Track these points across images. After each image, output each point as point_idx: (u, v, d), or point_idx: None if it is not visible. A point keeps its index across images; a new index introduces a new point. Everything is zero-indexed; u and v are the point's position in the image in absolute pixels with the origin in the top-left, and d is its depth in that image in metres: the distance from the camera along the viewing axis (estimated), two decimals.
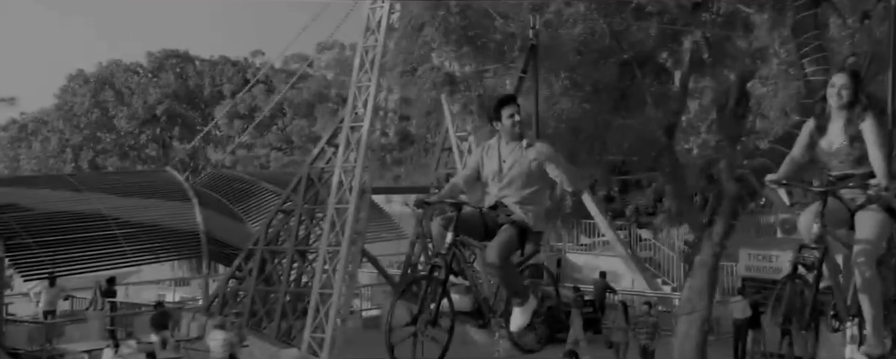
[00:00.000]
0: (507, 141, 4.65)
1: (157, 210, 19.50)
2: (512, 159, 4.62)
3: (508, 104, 4.66)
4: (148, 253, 18.82)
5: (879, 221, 4.20)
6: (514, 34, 7.93)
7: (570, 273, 24.57)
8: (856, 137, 4.24)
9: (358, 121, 17.87)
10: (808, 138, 4.41)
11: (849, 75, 4.34)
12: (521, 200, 4.60)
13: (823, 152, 4.36)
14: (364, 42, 18.43)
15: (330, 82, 26.91)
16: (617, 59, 8.89)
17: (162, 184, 20.69)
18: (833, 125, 4.33)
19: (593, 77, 8.35)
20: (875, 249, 4.20)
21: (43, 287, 18.33)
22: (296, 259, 17.93)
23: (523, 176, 4.59)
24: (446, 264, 4.50)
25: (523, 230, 4.57)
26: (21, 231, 17.19)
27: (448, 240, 4.54)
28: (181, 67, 46.61)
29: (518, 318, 4.73)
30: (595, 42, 8.61)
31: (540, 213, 4.67)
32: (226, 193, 21.83)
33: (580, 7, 7.87)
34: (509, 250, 4.52)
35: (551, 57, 7.97)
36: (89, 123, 45.11)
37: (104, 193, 19.28)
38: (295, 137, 27.74)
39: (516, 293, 4.66)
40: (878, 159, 4.17)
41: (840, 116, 4.29)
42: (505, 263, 4.47)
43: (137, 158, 45.37)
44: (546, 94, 7.99)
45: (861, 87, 4.31)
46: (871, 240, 4.17)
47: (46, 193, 18.70)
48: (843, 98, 4.26)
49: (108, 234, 18.29)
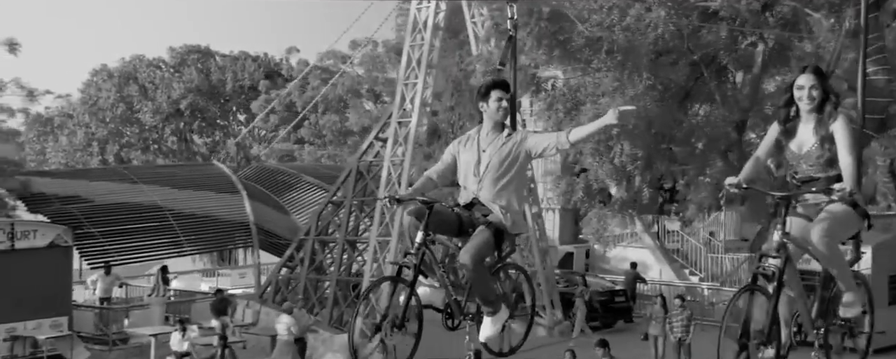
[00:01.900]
0: (487, 131, 4.45)
1: (209, 201, 20.27)
2: (491, 150, 4.41)
3: (499, 88, 4.49)
4: (202, 243, 19.62)
5: (842, 210, 4.08)
6: (602, 37, 8.67)
7: (599, 264, 25.36)
8: (827, 137, 4.12)
9: (406, 117, 18.65)
10: (774, 139, 4.28)
11: (815, 75, 4.20)
12: (498, 194, 4.38)
13: (792, 155, 4.22)
14: (410, 41, 19.20)
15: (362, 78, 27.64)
16: (686, 60, 9.64)
17: (211, 177, 21.46)
18: (803, 127, 4.20)
19: (669, 77, 9.10)
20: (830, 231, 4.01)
21: (99, 276, 19.12)
22: (346, 249, 18.72)
23: (501, 167, 4.38)
24: (415, 265, 4.26)
25: (499, 232, 4.36)
26: (85, 221, 17.97)
27: (418, 239, 4.29)
28: (202, 63, 47.35)
29: (488, 328, 4.48)
30: (666, 45, 9.36)
31: (518, 214, 4.45)
32: (269, 185, 22.60)
33: (660, 12, 8.59)
34: (484, 254, 4.31)
35: (633, 59, 8.72)
36: (114, 117, 45.82)
37: (158, 186, 20.04)
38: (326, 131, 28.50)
39: (487, 301, 4.42)
40: (848, 164, 4.04)
41: (810, 117, 4.17)
42: (478, 268, 4.26)
43: (158, 151, 46.19)
44: (632, 93, 8.73)
45: (828, 85, 4.20)
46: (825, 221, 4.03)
47: (105, 186, 19.48)
48: (815, 99, 4.13)
49: (165, 224, 19.07)
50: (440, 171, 4.61)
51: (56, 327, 16.64)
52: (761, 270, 4.01)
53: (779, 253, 3.98)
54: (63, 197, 18.39)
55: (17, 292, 15.84)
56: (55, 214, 17.89)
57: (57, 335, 16.37)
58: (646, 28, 8.79)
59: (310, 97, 28.80)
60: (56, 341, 16.33)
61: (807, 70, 4.22)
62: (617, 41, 8.50)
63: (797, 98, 4.16)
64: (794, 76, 4.21)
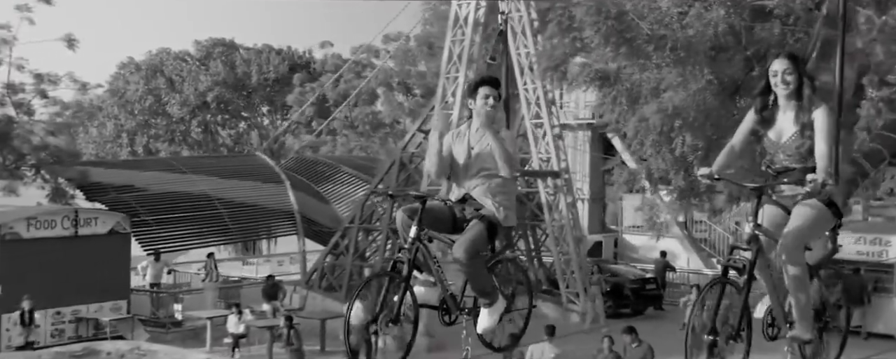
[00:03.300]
0: (477, 127, 4.46)
1: (254, 191, 21.00)
2: (480, 147, 4.42)
3: (487, 85, 4.50)
4: (250, 231, 20.36)
5: (813, 213, 3.93)
6: (665, 35, 9.30)
7: (627, 253, 26.03)
8: (808, 124, 3.96)
9: (448, 109, 19.32)
10: (750, 128, 4.14)
11: (788, 59, 4.04)
12: (490, 189, 4.39)
13: (770, 144, 4.08)
14: (451, 36, 19.89)
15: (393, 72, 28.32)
16: (740, 55, 10.26)
17: (256, 167, 22.19)
18: (783, 115, 4.04)
19: (725, 73, 9.72)
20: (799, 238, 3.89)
21: (149, 262, 19.91)
22: (390, 237, 19.41)
23: (489, 162, 4.39)
24: (409, 259, 4.25)
25: (493, 225, 4.36)
26: (140, 210, 18.72)
27: (412, 234, 4.28)
28: (227, 56, 48.10)
29: (485, 319, 4.48)
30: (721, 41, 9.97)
31: (510, 207, 4.45)
32: (309, 176, 23.32)
33: (720, 11, 9.21)
34: (478, 247, 4.31)
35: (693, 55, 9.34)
36: (143, 110, 46.67)
37: (206, 176, 20.77)
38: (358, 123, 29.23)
39: (484, 293, 4.42)
40: (823, 154, 3.89)
41: (789, 105, 4.01)
42: (473, 261, 4.26)
43: (183, 142, 47.04)
44: (695, 87, 9.36)
45: (804, 70, 4.05)
46: (795, 228, 3.89)
47: (157, 175, 20.22)
48: (790, 84, 3.97)
49: (215, 212, 19.81)
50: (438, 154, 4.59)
51: (116, 310, 17.44)
52: (732, 262, 3.88)
53: (750, 245, 3.85)
54: (118, 186, 19.14)
55: (81, 277, 16.62)
56: (111, 203, 18.64)
57: (119, 317, 17.16)
58: (705, 26, 9.40)
59: (342, 90, 29.50)
60: (118, 322, 17.12)
61: (781, 55, 4.09)
62: (679, 38, 9.11)
63: (773, 84, 4.02)
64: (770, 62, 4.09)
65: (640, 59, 9.50)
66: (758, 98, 4.09)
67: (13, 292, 15.63)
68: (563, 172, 21.08)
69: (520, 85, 20.88)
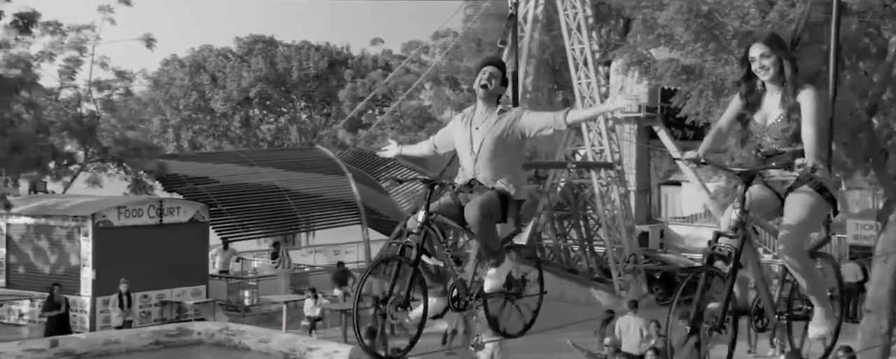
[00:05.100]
0: (481, 110, 4.42)
1: (319, 183, 21.86)
2: (484, 128, 4.35)
3: (489, 65, 4.46)
4: (317, 220, 21.24)
5: (807, 203, 3.83)
6: (752, 32, 9.97)
7: (673, 243, 26.66)
8: (794, 108, 3.87)
9: (506, 103, 20.04)
10: (735, 112, 4.08)
11: (764, 43, 3.97)
12: (495, 171, 4.33)
13: (758, 128, 4.01)
14: (510, 33, 20.59)
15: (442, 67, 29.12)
16: (818, 49, 10.90)
17: (318, 160, 23.05)
18: (769, 98, 3.97)
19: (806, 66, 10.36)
20: (799, 234, 3.79)
21: (218, 250, 20.85)
22: None
23: (496, 146, 4.32)
24: (418, 244, 4.17)
25: (505, 196, 4.31)
26: (215, 200, 19.64)
27: (420, 218, 4.23)
28: (267, 52, 49.14)
29: (493, 279, 4.38)
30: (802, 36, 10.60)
31: (519, 182, 4.41)
32: (367, 167, 24.15)
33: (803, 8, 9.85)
34: (491, 208, 4.24)
35: None
36: (187, 105, 47.83)
37: (273, 168, 21.67)
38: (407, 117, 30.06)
39: (492, 252, 4.32)
40: (810, 136, 3.79)
41: (774, 88, 3.95)
42: (485, 220, 4.18)
43: (224, 137, 48.15)
44: None
45: (784, 53, 3.95)
46: (794, 224, 3.78)
47: (228, 168, 21.14)
48: (768, 69, 3.90)
49: (283, 203, 20.70)
50: (442, 137, 4.64)
51: (196, 294, 18.37)
52: (717, 250, 3.72)
53: (736, 233, 3.70)
54: (193, 178, 20.06)
55: (165, 262, 17.56)
56: (188, 194, 19.57)
57: (202, 301, 18.10)
58: (788, 23, 10.05)
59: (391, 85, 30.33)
60: (200, 306, 18.06)
61: (758, 40, 4.03)
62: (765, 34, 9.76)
63: (753, 70, 3.98)
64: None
65: (726, 54, 10.15)
66: (742, 83, 4.02)
67: (105, 275, 16.61)
68: (616, 164, 21.78)
69: (574, 79, 21.59)
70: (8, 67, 16.35)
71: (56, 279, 16.37)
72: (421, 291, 4.22)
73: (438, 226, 4.30)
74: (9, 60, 16.47)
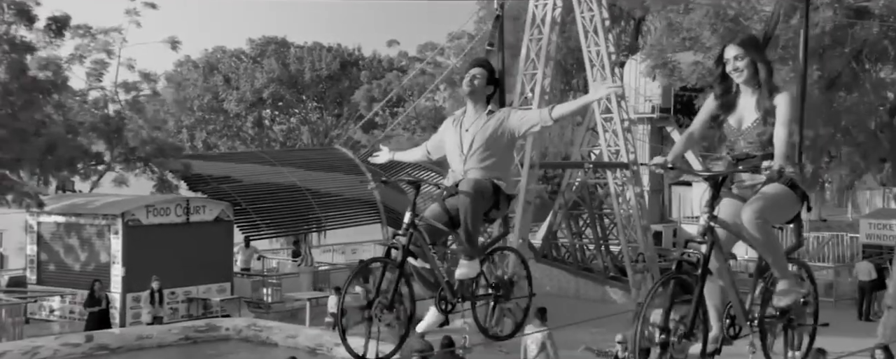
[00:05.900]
0: (470, 111, 4.47)
1: (338, 182, 22.20)
2: (474, 129, 4.39)
3: (474, 66, 4.50)
4: (337, 219, 21.59)
5: (778, 188, 3.80)
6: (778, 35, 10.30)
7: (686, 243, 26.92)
8: (770, 111, 3.84)
9: (526, 105, 20.39)
10: (708, 114, 4.04)
11: (740, 45, 3.93)
12: (485, 171, 4.35)
13: (731, 130, 3.97)
14: (528, 35, 20.98)
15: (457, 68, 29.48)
16: (839, 52, 11.24)
17: (337, 160, 23.40)
18: (744, 100, 3.93)
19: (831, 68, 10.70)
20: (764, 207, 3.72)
21: (239, 248, 21.21)
22: None
23: (485, 145, 4.35)
24: (403, 245, 4.23)
25: (497, 187, 4.37)
26: (239, 199, 20.00)
27: (406, 220, 4.27)
28: (279, 53, 49.51)
29: (464, 268, 4.37)
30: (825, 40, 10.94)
31: (509, 181, 4.46)
32: (385, 167, 24.48)
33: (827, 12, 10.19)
34: (483, 190, 4.28)
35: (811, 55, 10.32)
36: (201, 106, 48.24)
37: (294, 168, 22.03)
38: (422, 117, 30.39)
39: (470, 240, 4.31)
40: (780, 139, 3.75)
41: (748, 91, 3.91)
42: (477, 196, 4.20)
43: (236, 137, 48.56)
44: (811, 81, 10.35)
45: (758, 55, 3.91)
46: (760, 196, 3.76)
47: (250, 167, 21.50)
48: (742, 71, 3.86)
49: (305, 202, 21.04)
50: (434, 142, 4.68)
51: (221, 291, 18.74)
52: (685, 256, 3.69)
53: (704, 238, 3.67)
54: (217, 177, 20.41)
55: (191, 260, 17.92)
56: (212, 193, 19.91)
57: (227, 298, 18.46)
58: (812, 27, 10.37)
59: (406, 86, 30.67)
60: (226, 303, 18.42)
61: (733, 41, 4.00)
62: (791, 38, 10.10)
63: (728, 71, 3.93)
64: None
65: None
66: (717, 84, 3.98)
67: (134, 273, 16.98)
68: (632, 164, 22.08)
69: (589, 81, 21.90)
70: (40, 70, 16.74)
71: (86, 276, 16.74)
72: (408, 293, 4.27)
73: (428, 232, 4.32)
74: (40, 63, 16.85)
